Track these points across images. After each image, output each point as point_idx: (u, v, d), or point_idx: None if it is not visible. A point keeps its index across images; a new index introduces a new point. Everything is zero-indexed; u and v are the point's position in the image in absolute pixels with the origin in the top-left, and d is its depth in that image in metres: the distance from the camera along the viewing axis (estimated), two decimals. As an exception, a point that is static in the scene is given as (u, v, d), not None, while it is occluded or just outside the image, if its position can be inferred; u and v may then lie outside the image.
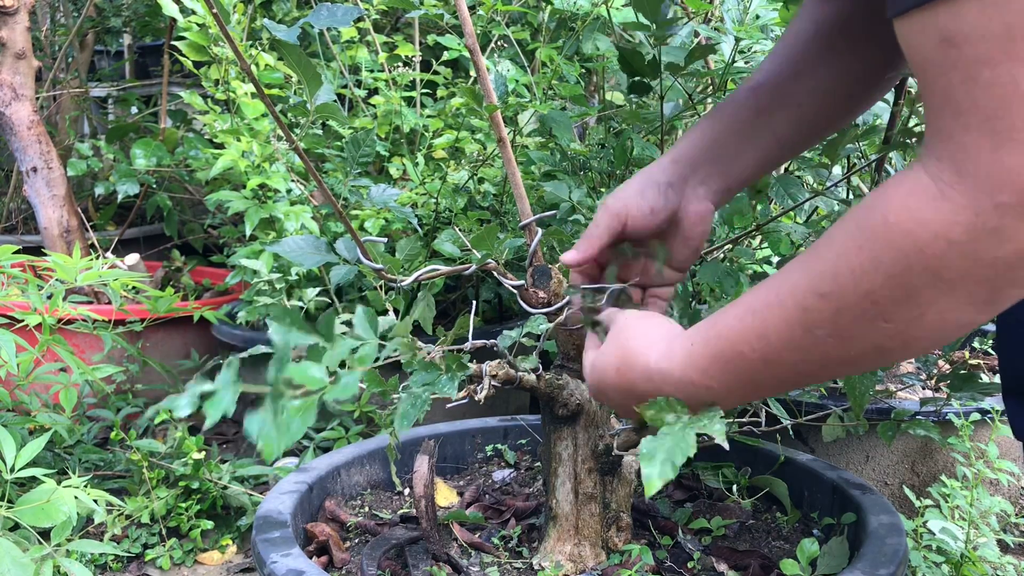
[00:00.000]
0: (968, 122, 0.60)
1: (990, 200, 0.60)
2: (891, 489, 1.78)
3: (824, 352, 0.74)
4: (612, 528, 1.22)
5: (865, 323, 0.70)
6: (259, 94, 1.06)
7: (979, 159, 0.60)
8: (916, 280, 0.65)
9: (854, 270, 0.68)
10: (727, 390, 0.84)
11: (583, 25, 2.02)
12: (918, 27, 0.61)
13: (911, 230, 0.64)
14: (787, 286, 0.75)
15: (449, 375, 1.01)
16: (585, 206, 1.71)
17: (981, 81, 0.58)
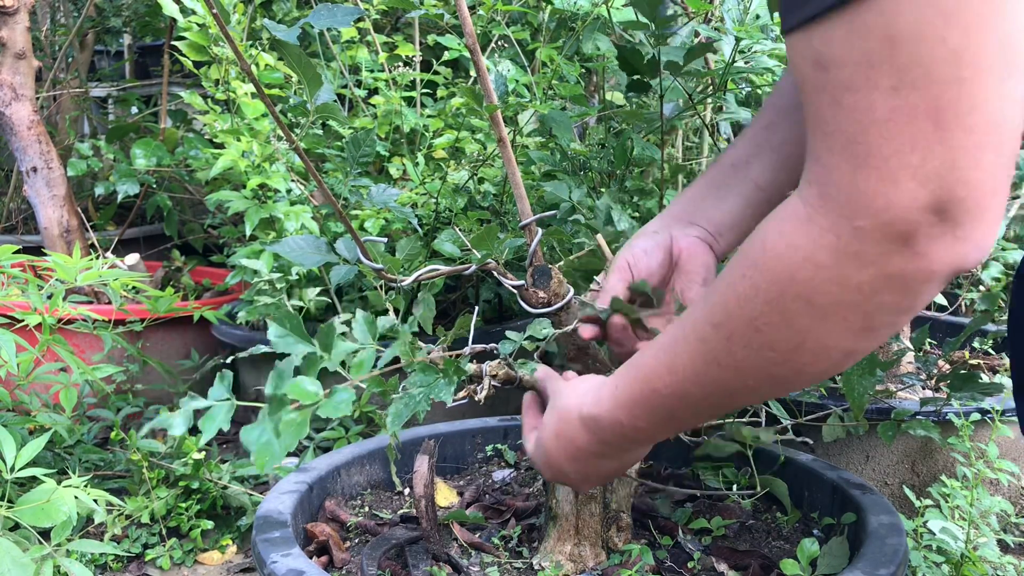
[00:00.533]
0: (832, 144, 0.61)
1: (849, 224, 0.61)
2: (891, 489, 1.78)
3: (724, 383, 0.76)
4: (612, 528, 1.22)
5: (753, 352, 0.71)
6: (259, 94, 1.06)
7: (840, 182, 0.61)
8: (791, 305, 0.66)
9: (739, 298, 0.70)
10: (653, 427, 0.87)
11: (583, 25, 2.02)
12: (799, 47, 0.62)
13: (783, 254, 0.65)
14: (690, 320, 0.78)
15: (446, 379, 1.01)
16: (585, 206, 1.71)
17: (844, 105, 0.59)
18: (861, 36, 0.57)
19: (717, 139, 2.27)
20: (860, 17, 0.57)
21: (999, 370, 2.05)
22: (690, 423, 0.91)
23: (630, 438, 0.89)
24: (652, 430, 0.87)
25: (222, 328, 2.27)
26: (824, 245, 0.63)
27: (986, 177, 0.59)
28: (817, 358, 0.70)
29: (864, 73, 0.58)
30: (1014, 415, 1.67)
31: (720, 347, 0.73)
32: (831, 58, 0.59)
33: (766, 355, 0.70)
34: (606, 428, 0.89)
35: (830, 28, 0.59)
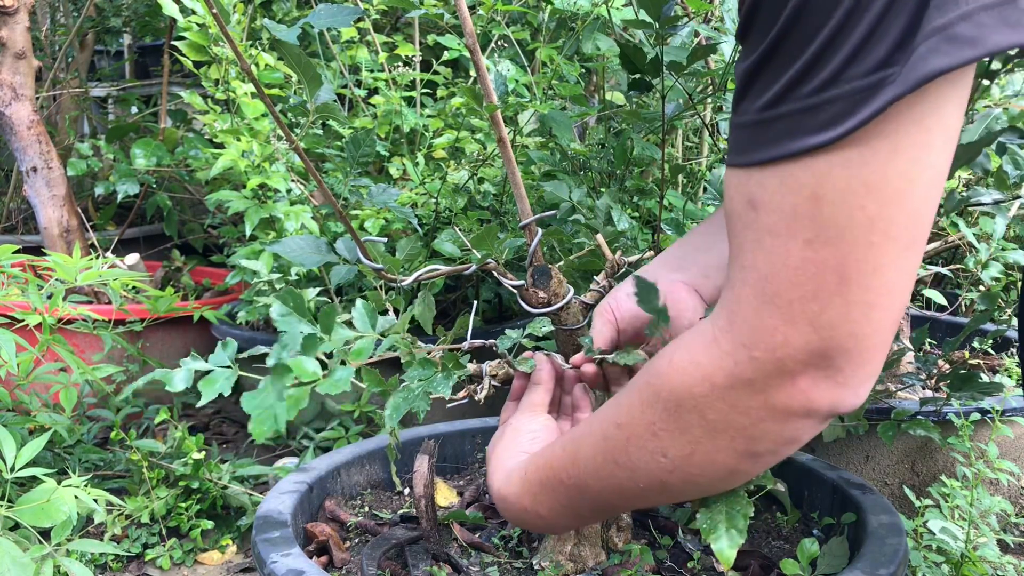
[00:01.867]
0: (746, 278, 0.67)
1: (747, 352, 0.67)
2: (891, 489, 1.78)
3: (619, 482, 0.81)
4: (612, 528, 1.22)
5: (647, 455, 0.76)
6: (259, 94, 1.06)
7: (746, 314, 0.67)
8: (686, 416, 0.72)
9: (642, 403, 0.76)
10: (554, 516, 0.91)
11: (583, 25, 2.02)
12: (735, 182, 0.68)
13: (685, 369, 0.71)
14: (599, 418, 0.83)
15: (445, 373, 1.01)
16: (585, 206, 1.71)
17: (764, 246, 0.65)
18: (792, 190, 0.63)
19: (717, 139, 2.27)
20: (793, 173, 0.63)
21: (999, 370, 2.05)
22: (587, 517, 0.95)
23: (529, 522, 0.94)
24: (553, 518, 0.91)
25: (222, 328, 2.27)
26: (722, 367, 0.68)
27: (874, 333, 0.65)
28: (703, 471, 0.75)
29: (787, 222, 0.63)
30: (1014, 415, 1.68)
31: (619, 447, 0.78)
32: (762, 202, 0.65)
33: (659, 460, 0.76)
34: (513, 508, 0.94)
35: (766, 176, 0.64)
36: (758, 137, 0.65)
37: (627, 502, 0.86)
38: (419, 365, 1.01)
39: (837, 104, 0.60)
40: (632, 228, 1.69)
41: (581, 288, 1.24)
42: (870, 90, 0.59)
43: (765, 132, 0.64)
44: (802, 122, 0.62)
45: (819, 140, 0.61)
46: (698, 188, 2.30)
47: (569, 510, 0.89)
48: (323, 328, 0.95)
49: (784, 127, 0.63)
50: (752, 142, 0.65)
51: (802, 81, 0.62)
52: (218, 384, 0.91)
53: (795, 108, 0.62)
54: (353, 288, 2.18)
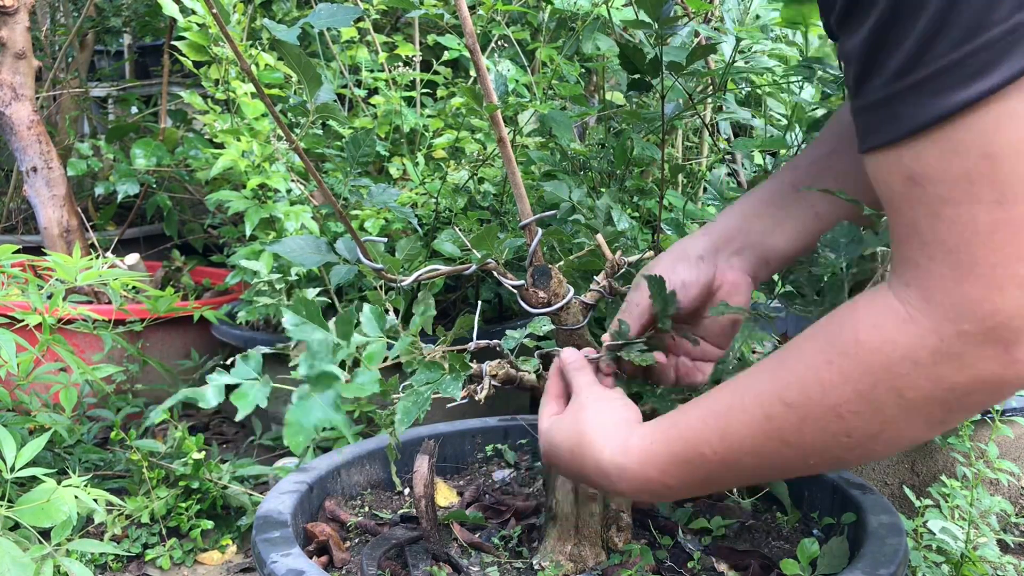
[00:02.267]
0: (933, 253, 0.63)
1: (954, 327, 0.63)
2: (891, 489, 1.78)
3: (783, 459, 0.77)
4: (612, 528, 1.22)
5: (827, 436, 0.72)
6: (259, 94, 1.06)
7: (944, 288, 0.63)
8: (882, 397, 0.68)
9: (823, 383, 0.71)
10: (684, 487, 0.86)
11: (583, 25, 2.02)
12: (885, 164, 0.65)
13: (880, 348, 0.67)
14: (752, 392, 0.77)
15: (453, 375, 1.01)
16: (585, 206, 1.71)
17: (944, 218, 0.62)
18: (958, 154, 0.60)
19: (717, 139, 2.27)
20: (954, 136, 0.60)
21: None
22: (724, 487, 0.90)
23: (648, 491, 0.88)
24: (680, 489, 0.87)
25: (222, 328, 2.27)
26: (926, 345, 0.65)
27: None
28: (888, 446, 0.72)
29: (964, 188, 0.60)
30: (1014, 415, 1.68)
31: (790, 426, 0.74)
32: (925, 175, 0.62)
33: (840, 440, 0.72)
34: (628, 479, 0.88)
35: (921, 147, 0.62)
36: (895, 110, 0.62)
37: (785, 474, 0.85)
38: (425, 368, 1.01)
39: (981, 55, 0.57)
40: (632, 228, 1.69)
41: (581, 288, 1.24)
42: (1017, 35, 0.56)
43: (902, 103, 0.61)
44: (945, 81, 0.59)
45: (971, 94, 0.58)
46: (698, 188, 2.30)
47: (706, 482, 0.84)
48: (341, 335, 0.95)
49: (926, 91, 0.60)
50: (890, 118, 0.63)
51: (935, 39, 0.59)
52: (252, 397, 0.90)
53: (934, 69, 0.59)
54: (353, 288, 2.18)
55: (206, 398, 0.90)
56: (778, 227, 1.02)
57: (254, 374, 0.92)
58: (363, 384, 0.91)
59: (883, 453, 0.74)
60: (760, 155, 2.00)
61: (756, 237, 1.02)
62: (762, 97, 1.88)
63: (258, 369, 0.92)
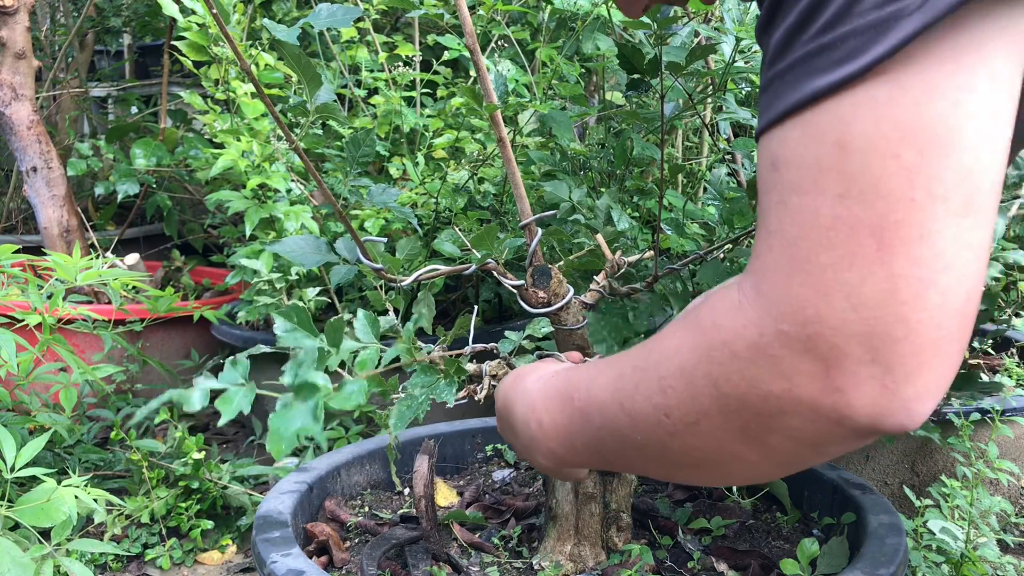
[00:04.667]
0: (772, 243, 0.59)
1: (774, 325, 0.58)
2: (891, 489, 1.78)
3: (620, 427, 0.73)
4: (612, 528, 1.22)
5: (651, 409, 0.68)
6: (259, 94, 1.06)
7: (774, 282, 0.59)
8: (699, 382, 0.64)
9: (659, 353, 0.69)
10: (553, 431, 0.84)
11: (583, 25, 2.02)
12: (761, 148, 0.62)
13: (707, 329, 0.63)
14: (627, 353, 0.76)
15: (448, 380, 1.01)
16: (585, 206, 1.71)
17: (790, 206, 0.58)
18: (813, 139, 0.56)
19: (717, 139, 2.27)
20: (813, 121, 0.56)
21: (999, 370, 2.05)
22: (581, 454, 0.83)
23: (531, 425, 0.87)
24: (551, 432, 0.84)
25: (222, 328, 2.27)
26: (744, 336, 0.60)
27: (929, 322, 0.55)
28: (706, 447, 0.66)
29: (813, 177, 0.56)
30: (1014, 415, 1.68)
31: (628, 390, 0.71)
32: (784, 159, 0.58)
33: (661, 419, 0.67)
34: (523, 403, 0.89)
35: (786, 130, 0.58)
36: (774, 93, 0.59)
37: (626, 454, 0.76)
38: (422, 372, 1.01)
39: (850, 40, 0.55)
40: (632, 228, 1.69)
41: (581, 288, 1.24)
42: (888, 22, 0.53)
43: (779, 86, 0.59)
44: (814, 64, 0.56)
45: (834, 78, 0.55)
46: (698, 188, 2.30)
47: (567, 433, 0.82)
48: (330, 342, 0.95)
49: (796, 74, 0.57)
50: (768, 101, 0.60)
51: (807, 21, 0.56)
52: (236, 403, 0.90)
53: (804, 52, 0.57)
54: (353, 288, 2.18)
55: (191, 401, 0.90)
56: None
57: (241, 380, 0.92)
58: (350, 394, 0.91)
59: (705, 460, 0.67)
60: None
61: None
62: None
63: (245, 375, 0.92)
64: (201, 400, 0.90)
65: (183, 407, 0.89)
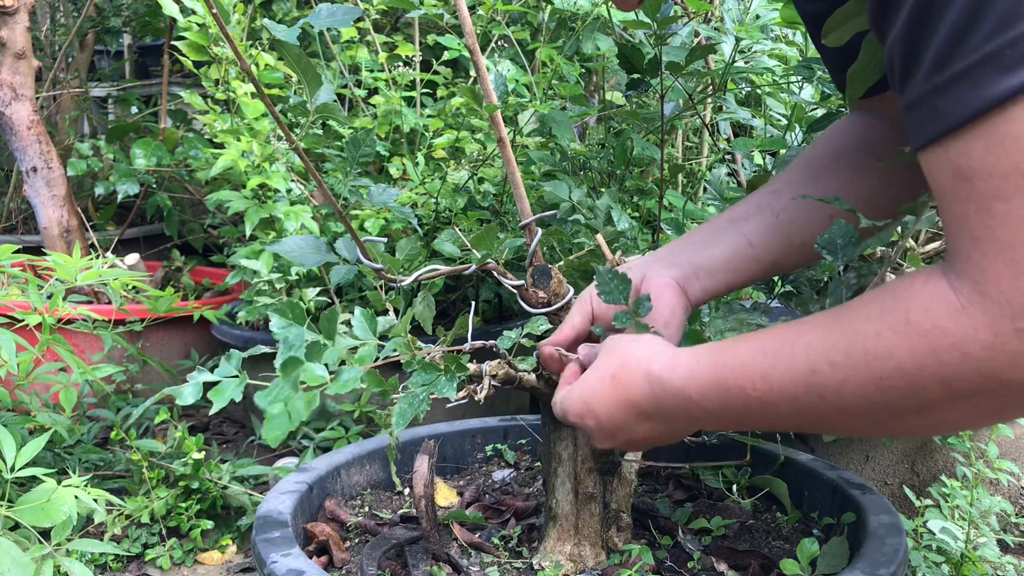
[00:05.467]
0: (985, 249, 0.62)
1: (1011, 324, 0.62)
2: (891, 489, 1.78)
3: (818, 413, 0.76)
4: (612, 528, 1.22)
5: (866, 403, 0.71)
6: (259, 94, 1.06)
7: (1000, 284, 0.62)
8: (926, 382, 0.67)
9: (868, 352, 0.70)
10: (718, 416, 0.85)
11: (583, 25, 2.02)
12: (934, 160, 0.64)
13: (928, 333, 0.66)
14: (803, 341, 0.76)
15: (448, 376, 1.01)
16: (585, 206, 1.71)
17: (995, 213, 0.61)
18: (1005, 148, 0.59)
19: (717, 139, 2.27)
20: (999, 129, 0.59)
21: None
22: (755, 427, 0.89)
23: (688, 415, 0.88)
24: (715, 417, 0.86)
25: (222, 328, 2.27)
26: (979, 339, 0.63)
27: None
28: (928, 427, 0.71)
29: (1014, 183, 0.59)
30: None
31: (830, 385, 0.73)
32: (973, 169, 0.61)
33: (879, 410, 0.71)
34: (671, 393, 0.87)
35: (967, 141, 0.60)
36: (937, 105, 0.61)
37: (819, 428, 0.81)
38: (422, 370, 1.01)
39: (1020, 45, 0.56)
40: (632, 228, 1.69)
41: (581, 288, 1.24)
42: None
43: (941, 98, 0.61)
44: (983, 73, 0.58)
45: (1013, 84, 0.57)
46: (698, 188, 2.30)
47: (740, 416, 0.83)
48: (325, 335, 0.95)
49: (964, 84, 0.59)
50: (932, 114, 0.62)
51: (969, 30, 0.58)
52: (228, 392, 0.91)
53: (970, 62, 0.58)
54: (353, 288, 2.18)
55: (183, 395, 0.91)
56: (708, 248, 1.09)
57: (234, 372, 0.93)
58: (346, 380, 0.92)
59: (925, 431, 0.73)
60: (760, 155, 2.00)
61: (685, 255, 1.09)
62: (762, 97, 1.88)
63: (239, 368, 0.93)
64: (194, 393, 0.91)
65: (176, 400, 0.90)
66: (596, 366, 0.97)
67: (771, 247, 1.08)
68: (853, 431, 0.79)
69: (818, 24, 0.97)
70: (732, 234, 1.08)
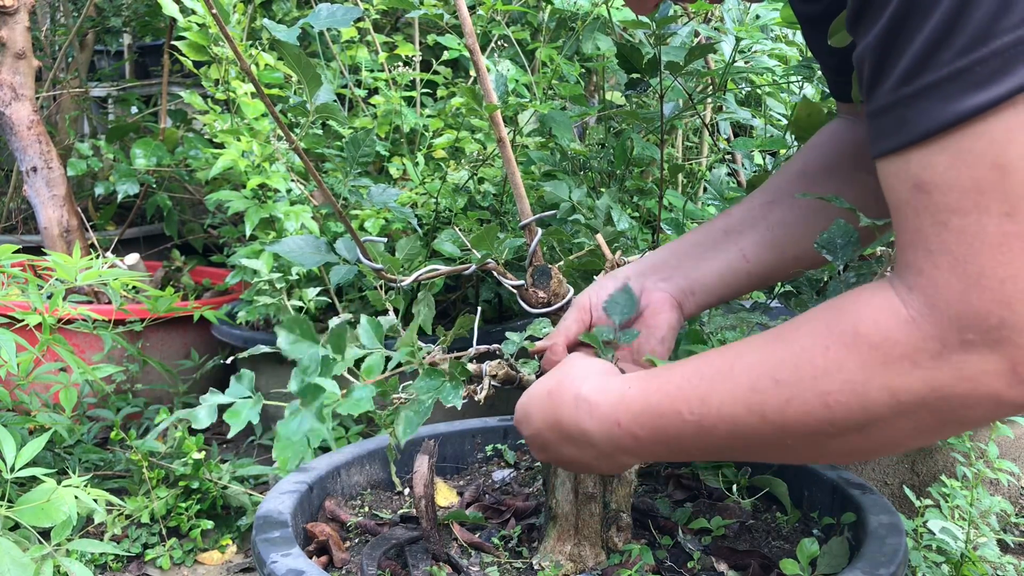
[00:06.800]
0: (938, 262, 0.62)
1: (958, 336, 0.62)
2: (891, 489, 1.78)
3: (760, 436, 0.74)
4: (612, 528, 1.22)
5: (811, 420, 0.70)
6: (259, 94, 1.06)
7: (949, 297, 0.62)
8: (873, 394, 0.67)
9: (816, 369, 0.70)
10: (649, 445, 0.84)
11: (583, 25, 2.02)
12: (893, 169, 0.64)
13: (878, 345, 0.66)
14: (743, 362, 0.76)
15: (454, 383, 1.01)
16: (585, 206, 1.71)
17: (951, 228, 0.61)
18: (967, 163, 0.59)
19: (717, 139, 2.27)
20: (963, 144, 0.59)
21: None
22: (688, 457, 0.88)
23: (615, 443, 0.86)
24: (646, 445, 0.84)
25: (222, 328, 2.27)
26: (927, 350, 0.63)
27: None
28: (875, 443, 0.70)
29: (972, 199, 0.59)
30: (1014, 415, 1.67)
31: (774, 403, 0.72)
32: (933, 183, 0.61)
33: (823, 428, 0.70)
34: (597, 418, 0.87)
35: (930, 154, 0.61)
36: (903, 116, 0.61)
37: (756, 455, 0.80)
38: (426, 375, 1.01)
39: (993, 61, 0.57)
40: (632, 228, 1.69)
41: (581, 288, 1.24)
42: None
43: (909, 109, 0.61)
44: (954, 87, 0.58)
45: (980, 101, 0.57)
46: (698, 188, 2.30)
47: (674, 444, 0.82)
48: (335, 349, 0.95)
49: (933, 97, 0.59)
50: (898, 123, 0.62)
51: (943, 45, 0.58)
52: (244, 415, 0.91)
53: (941, 75, 0.59)
54: (353, 288, 2.18)
55: (198, 418, 0.91)
56: (704, 262, 1.08)
57: (247, 393, 0.92)
58: (359, 400, 0.91)
59: (865, 451, 0.72)
60: (760, 155, 2.00)
61: (682, 269, 1.09)
62: (762, 97, 1.88)
63: (251, 387, 0.92)
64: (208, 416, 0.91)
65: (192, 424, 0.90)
66: (543, 378, 0.98)
67: (764, 262, 1.08)
68: (789, 456, 0.78)
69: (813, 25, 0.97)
70: (728, 248, 1.09)
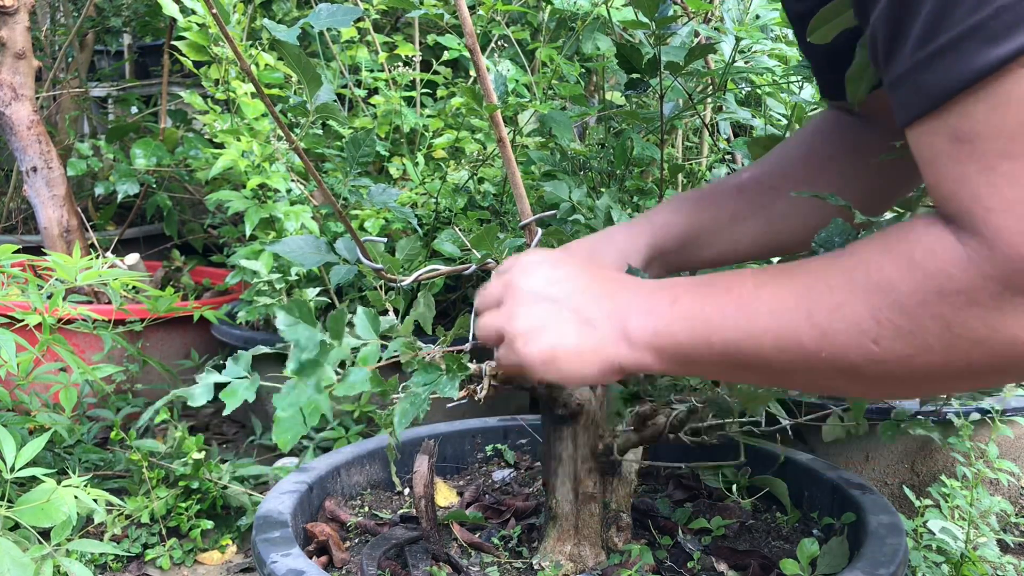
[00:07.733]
0: (991, 205, 0.61)
1: (1021, 279, 0.61)
2: (891, 489, 1.78)
3: (798, 338, 0.72)
4: (612, 528, 1.22)
5: (855, 333, 0.69)
6: (259, 94, 1.06)
7: (1010, 240, 0.61)
8: (927, 322, 0.65)
9: (870, 281, 0.68)
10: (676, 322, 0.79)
11: (583, 25, 2.02)
12: (928, 128, 0.64)
13: (934, 274, 0.64)
14: (802, 268, 0.74)
15: (450, 375, 1.01)
16: (585, 206, 1.71)
17: (1001, 172, 0.61)
18: (1008, 108, 0.59)
19: (717, 139, 2.27)
20: (1002, 90, 0.59)
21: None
22: (709, 356, 0.78)
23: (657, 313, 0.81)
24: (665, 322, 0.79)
25: (222, 328, 2.27)
26: (985, 288, 0.62)
27: None
28: (914, 373, 0.68)
29: (1021, 142, 0.59)
30: (1014, 415, 1.68)
31: (824, 305, 0.70)
32: (975, 131, 0.61)
33: (866, 345, 0.68)
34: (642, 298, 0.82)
35: (965, 106, 0.61)
36: (927, 78, 0.62)
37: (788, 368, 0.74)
38: (423, 369, 1.01)
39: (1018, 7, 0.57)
40: (632, 228, 1.68)
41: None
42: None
43: (930, 70, 0.61)
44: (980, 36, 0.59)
45: (1014, 46, 0.58)
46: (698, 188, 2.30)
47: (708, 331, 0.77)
48: (332, 334, 0.95)
49: (961, 50, 0.60)
50: (924, 85, 0.62)
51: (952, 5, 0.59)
52: (240, 393, 0.91)
53: (965, 27, 0.59)
54: (353, 288, 2.18)
55: (195, 396, 0.91)
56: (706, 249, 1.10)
57: (243, 373, 0.93)
58: (354, 382, 0.92)
59: (903, 385, 0.71)
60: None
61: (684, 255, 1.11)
62: (762, 97, 1.88)
63: (247, 369, 0.92)
64: (205, 395, 0.91)
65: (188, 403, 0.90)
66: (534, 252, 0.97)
67: (753, 253, 1.11)
68: (818, 377, 0.74)
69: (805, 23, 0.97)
70: (727, 239, 1.10)
